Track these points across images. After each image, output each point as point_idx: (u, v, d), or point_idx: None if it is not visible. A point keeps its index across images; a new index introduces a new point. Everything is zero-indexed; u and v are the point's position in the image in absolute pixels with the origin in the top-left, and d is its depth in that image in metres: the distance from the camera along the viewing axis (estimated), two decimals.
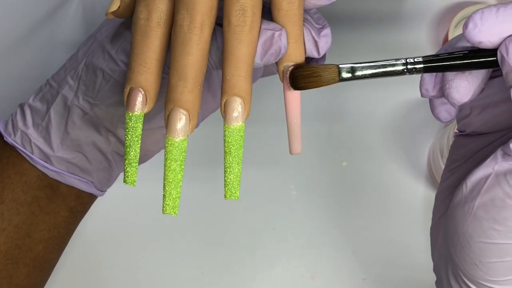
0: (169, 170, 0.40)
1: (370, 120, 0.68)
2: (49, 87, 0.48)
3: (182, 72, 0.40)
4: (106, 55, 0.45)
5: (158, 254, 0.64)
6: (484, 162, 0.38)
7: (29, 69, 0.62)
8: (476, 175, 0.38)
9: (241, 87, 0.40)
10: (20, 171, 0.48)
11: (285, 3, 0.41)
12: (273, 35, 0.41)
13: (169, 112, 0.40)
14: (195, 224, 0.65)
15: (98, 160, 0.49)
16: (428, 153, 0.66)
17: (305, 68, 0.42)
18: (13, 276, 0.49)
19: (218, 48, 0.41)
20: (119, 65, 0.45)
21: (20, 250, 0.48)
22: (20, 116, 0.48)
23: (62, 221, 0.50)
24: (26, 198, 0.48)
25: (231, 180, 0.41)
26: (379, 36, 0.71)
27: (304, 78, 0.42)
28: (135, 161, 0.42)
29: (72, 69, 0.47)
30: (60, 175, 0.48)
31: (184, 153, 0.40)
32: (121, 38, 0.45)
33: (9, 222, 0.48)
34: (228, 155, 0.41)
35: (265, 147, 0.67)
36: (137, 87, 0.41)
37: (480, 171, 0.38)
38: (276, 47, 0.41)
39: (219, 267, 0.64)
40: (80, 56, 0.47)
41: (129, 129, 0.42)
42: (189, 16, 0.40)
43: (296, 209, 0.66)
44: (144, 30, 0.41)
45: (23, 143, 0.48)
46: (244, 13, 0.40)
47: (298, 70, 0.42)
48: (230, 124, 0.40)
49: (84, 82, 0.46)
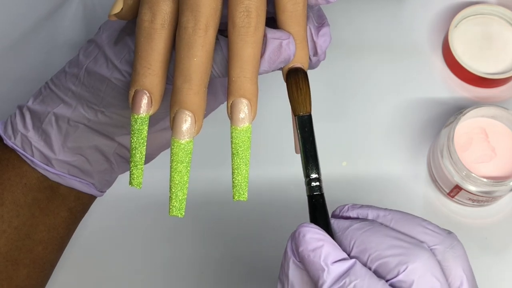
0: (175, 172, 0.40)
1: (370, 120, 0.68)
2: (49, 90, 0.48)
3: (187, 74, 0.40)
4: (109, 64, 0.45)
5: (158, 254, 0.64)
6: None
7: (29, 69, 0.61)
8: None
9: (247, 88, 0.40)
10: (20, 173, 0.48)
11: (290, 4, 0.41)
12: (281, 44, 0.41)
13: (175, 114, 0.40)
14: (195, 224, 0.65)
15: (100, 162, 0.49)
16: (428, 153, 0.66)
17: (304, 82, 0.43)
18: (13, 277, 0.49)
19: (224, 57, 0.41)
20: (124, 76, 0.44)
21: (20, 251, 0.48)
22: (19, 118, 0.48)
23: (62, 222, 0.50)
24: (26, 200, 0.48)
25: (239, 181, 0.41)
26: (379, 36, 0.71)
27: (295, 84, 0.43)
28: (141, 163, 0.42)
29: (73, 75, 0.47)
30: (60, 177, 0.48)
31: (190, 154, 0.40)
32: (125, 47, 0.45)
33: (9, 224, 0.48)
34: (236, 156, 0.41)
35: (265, 147, 0.67)
36: (142, 90, 0.41)
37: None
38: (285, 55, 0.41)
39: (219, 267, 0.64)
40: (81, 62, 0.47)
41: (134, 131, 0.42)
42: (194, 18, 0.39)
43: (296, 209, 0.66)
44: (148, 32, 0.41)
45: (23, 146, 0.48)
46: (248, 14, 0.40)
47: (300, 76, 0.42)
48: (237, 125, 0.40)
49: (87, 89, 0.46)
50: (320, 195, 0.42)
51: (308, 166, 0.42)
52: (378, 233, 0.39)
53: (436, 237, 0.40)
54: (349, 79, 0.69)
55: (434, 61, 0.70)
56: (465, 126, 0.63)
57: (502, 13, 0.68)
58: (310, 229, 0.39)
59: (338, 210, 0.43)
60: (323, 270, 0.38)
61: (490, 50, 0.68)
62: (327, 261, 0.38)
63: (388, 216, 0.41)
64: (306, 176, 0.42)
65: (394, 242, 0.39)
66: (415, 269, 0.37)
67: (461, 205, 0.64)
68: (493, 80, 0.67)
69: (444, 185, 0.63)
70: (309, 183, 0.42)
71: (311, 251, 0.39)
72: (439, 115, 0.68)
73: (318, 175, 0.42)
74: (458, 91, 0.69)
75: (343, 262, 0.38)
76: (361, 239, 0.39)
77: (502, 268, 0.63)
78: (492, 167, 0.62)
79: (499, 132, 0.63)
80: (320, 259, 0.38)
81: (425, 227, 0.40)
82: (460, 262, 0.40)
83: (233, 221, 0.66)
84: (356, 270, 0.38)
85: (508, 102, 0.68)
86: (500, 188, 0.60)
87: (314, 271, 0.38)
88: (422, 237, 0.40)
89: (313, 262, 0.38)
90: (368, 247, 0.39)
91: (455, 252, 0.40)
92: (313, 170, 0.42)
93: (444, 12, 0.71)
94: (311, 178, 0.42)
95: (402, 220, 0.41)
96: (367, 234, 0.39)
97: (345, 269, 0.38)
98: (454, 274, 0.39)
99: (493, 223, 0.65)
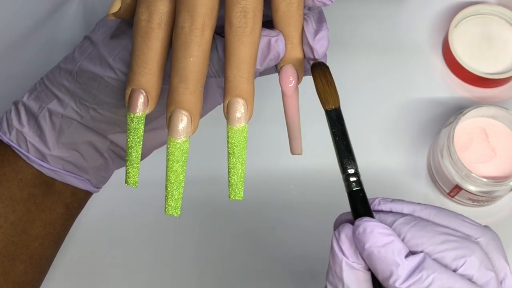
0: (171, 171, 0.40)
1: (370, 120, 0.68)
2: (44, 86, 0.48)
3: (183, 74, 0.40)
4: (103, 62, 0.45)
5: (158, 254, 0.64)
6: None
7: (29, 69, 0.61)
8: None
9: (243, 88, 0.40)
10: (16, 169, 0.48)
11: (283, 4, 0.42)
12: (270, 41, 0.41)
13: (171, 114, 0.40)
14: (195, 224, 0.65)
15: (94, 158, 0.49)
16: (428, 153, 0.66)
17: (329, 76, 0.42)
18: (10, 272, 0.49)
19: (220, 58, 0.42)
20: (117, 74, 0.45)
21: (16, 247, 0.49)
22: (15, 114, 0.48)
23: (58, 218, 0.50)
24: (22, 195, 0.48)
25: (235, 180, 0.41)
26: (379, 36, 0.71)
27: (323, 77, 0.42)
28: (137, 162, 0.42)
29: (67, 72, 0.47)
30: (56, 173, 0.48)
31: (186, 154, 0.41)
32: (118, 46, 0.45)
33: (5, 219, 0.48)
34: (232, 156, 0.41)
35: (265, 147, 0.67)
36: (138, 89, 0.41)
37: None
38: (274, 52, 0.42)
39: (219, 267, 0.64)
40: (75, 58, 0.47)
41: (130, 130, 0.42)
42: (190, 18, 0.40)
43: (296, 209, 0.66)
44: (145, 32, 0.41)
45: (18, 142, 0.48)
46: (245, 14, 0.40)
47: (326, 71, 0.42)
48: (233, 125, 0.40)
49: (80, 86, 0.46)
50: (360, 190, 0.41)
51: (344, 161, 0.41)
52: (426, 227, 0.39)
53: (476, 230, 0.40)
54: (349, 79, 0.69)
55: (434, 61, 0.70)
56: (465, 126, 0.62)
57: (502, 13, 0.68)
58: (376, 224, 0.38)
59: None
60: (398, 265, 0.37)
61: (490, 50, 0.68)
62: (401, 255, 0.37)
63: (425, 210, 0.41)
64: (343, 172, 0.41)
65: (445, 236, 0.38)
66: (473, 262, 0.37)
67: (461, 205, 0.64)
68: (493, 80, 0.66)
69: (444, 185, 0.63)
70: (347, 179, 0.41)
71: (381, 246, 0.37)
72: (439, 115, 0.67)
73: (356, 169, 0.41)
74: (458, 91, 0.68)
75: (414, 257, 0.37)
76: (411, 234, 0.38)
77: None
78: (492, 167, 0.62)
79: (499, 132, 0.63)
80: (393, 254, 0.37)
81: (464, 220, 0.40)
82: (501, 253, 0.40)
83: (232, 221, 0.66)
84: (429, 264, 0.37)
85: (508, 102, 0.68)
86: (500, 188, 0.60)
87: (384, 267, 0.37)
88: (465, 230, 0.40)
89: (385, 257, 0.37)
90: (420, 242, 0.38)
91: (496, 244, 0.40)
92: (349, 165, 0.41)
93: (444, 12, 0.71)
94: (349, 174, 0.41)
95: (440, 214, 0.40)
96: (416, 229, 0.38)
97: (417, 263, 0.37)
98: (497, 265, 0.40)
99: (493, 223, 0.64)
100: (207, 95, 0.49)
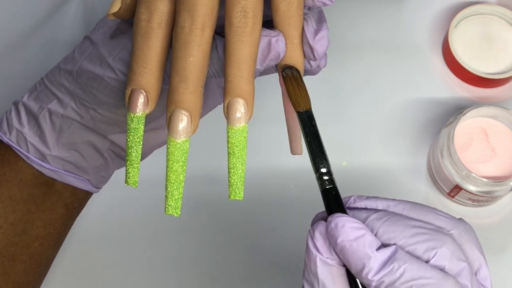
0: (171, 171, 0.40)
1: (370, 120, 0.68)
2: (43, 86, 0.48)
3: (183, 74, 0.40)
4: (103, 62, 0.45)
5: (158, 254, 0.64)
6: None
7: (29, 69, 0.61)
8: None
9: (243, 88, 0.40)
10: (16, 169, 0.48)
11: (283, 4, 0.42)
12: (270, 41, 0.41)
13: (171, 114, 0.40)
14: (195, 224, 0.65)
15: (94, 158, 0.49)
16: (428, 153, 0.66)
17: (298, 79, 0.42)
18: (10, 273, 0.49)
19: (220, 58, 0.42)
20: (117, 74, 0.45)
21: (16, 247, 0.49)
22: (15, 114, 0.48)
23: (58, 218, 0.50)
24: (22, 195, 0.48)
25: (235, 180, 0.41)
26: (379, 36, 0.71)
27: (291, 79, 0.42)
28: (137, 162, 0.42)
29: (67, 72, 0.47)
30: (56, 173, 0.48)
31: (186, 154, 0.41)
32: (118, 46, 0.45)
33: (5, 219, 0.48)
34: (232, 156, 0.41)
35: (265, 147, 0.67)
36: (138, 89, 0.41)
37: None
38: (274, 52, 0.42)
39: (219, 267, 0.64)
40: (75, 58, 0.47)
41: (130, 130, 0.42)
42: (190, 17, 0.40)
43: (296, 209, 0.66)
44: (145, 31, 0.41)
45: (18, 142, 0.48)
46: (245, 14, 0.40)
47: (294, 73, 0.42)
48: (233, 125, 0.40)
49: (80, 86, 0.46)
50: (333, 187, 0.41)
51: (316, 160, 0.41)
52: (398, 221, 0.39)
53: (449, 223, 0.40)
54: (349, 79, 0.69)
55: (434, 61, 0.70)
56: (465, 126, 0.62)
57: (502, 13, 0.68)
58: (348, 219, 0.39)
59: (344, 201, 0.43)
60: (369, 257, 0.37)
61: (490, 50, 0.68)
62: (372, 248, 0.38)
63: (399, 205, 0.41)
64: (315, 171, 0.42)
65: (416, 229, 0.39)
66: (444, 253, 0.38)
67: (461, 205, 0.64)
68: (493, 80, 0.66)
69: (444, 185, 0.63)
70: (320, 177, 0.41)
71: (353, 240, 0.38)
72: (439, 115, 0.68)
73: (328, 168, 0.41)
74: (458, 91, 0.69)
75: (386, 249, 0.38)
76: (384, 228, 0.39)
77: (502, 268, 0.63)
78: (492, 167, 0.62)
79: (499, 132, 0.63)
80: (365, 247, 0.38)
81: (437, 213, 0.41)
82: (475, 244, 0.40)
83: (232, 221, 0.66)
84: (401, 255, 0.37)
85: (508, 102, 0.68)
86: (500, 188, 0.60)
87: (357, 260, 0.38)
88: (437, 223, 0.40)
89: (357, 251, 0.38)
90: (392, 236, 0.39)
91: (469, 235, 0.40)
92: (321, 164, 0.41)
93: (444, 12, 0.71)
94: (322, 173, 0.41)
95: (413, 209, 0.41)
96: (388, 223, 0.39)
97: (388, 255, 0.38)
98: (471, 256, 0.40)
99: (493, 223, 0.65)
100: (207, 95, 0.49)
